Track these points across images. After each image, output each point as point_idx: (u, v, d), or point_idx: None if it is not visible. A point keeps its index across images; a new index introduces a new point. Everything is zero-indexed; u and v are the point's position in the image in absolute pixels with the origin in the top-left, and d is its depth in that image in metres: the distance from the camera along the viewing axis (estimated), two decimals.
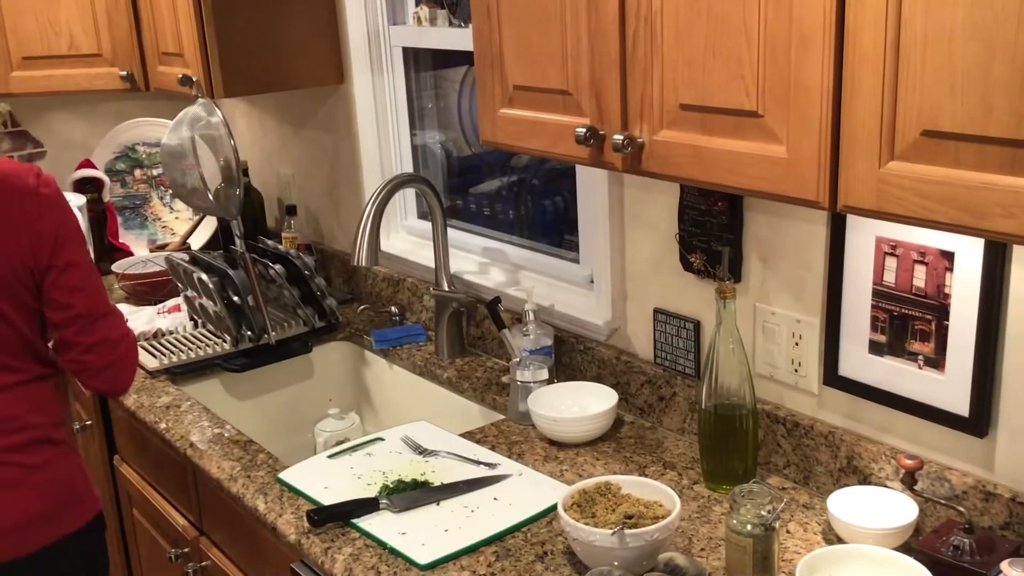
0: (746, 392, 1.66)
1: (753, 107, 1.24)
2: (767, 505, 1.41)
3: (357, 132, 2.71)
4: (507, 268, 2.41)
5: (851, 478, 1.64)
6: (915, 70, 1.05)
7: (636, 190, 1.95)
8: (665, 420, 1.96)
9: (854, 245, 1.58)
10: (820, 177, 1.18)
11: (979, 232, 1.04)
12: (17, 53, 2.81)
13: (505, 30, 1.60)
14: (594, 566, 1.44)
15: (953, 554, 1.39)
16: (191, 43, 2.51)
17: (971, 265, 1.43)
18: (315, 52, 2.64)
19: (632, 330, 2.04)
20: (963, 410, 1.48)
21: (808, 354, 1.70)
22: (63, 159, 3.28)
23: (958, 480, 1.50)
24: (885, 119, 1.09)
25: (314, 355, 2.54)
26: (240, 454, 1.94)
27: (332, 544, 1.61)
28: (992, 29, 0.98)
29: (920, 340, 1.52)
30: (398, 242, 2.75)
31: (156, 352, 2.41)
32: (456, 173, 2.76)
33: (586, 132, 1.45)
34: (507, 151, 1.76)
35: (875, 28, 1.08)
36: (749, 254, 1.76)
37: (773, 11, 1.18)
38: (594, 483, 1.57)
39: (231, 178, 2.38)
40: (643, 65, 1.37)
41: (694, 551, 1.54)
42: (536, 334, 2.10)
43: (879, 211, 1.13)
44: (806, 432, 1.70)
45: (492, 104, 1.66)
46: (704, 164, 1.32)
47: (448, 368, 2.32)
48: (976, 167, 1.03)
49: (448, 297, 2.35)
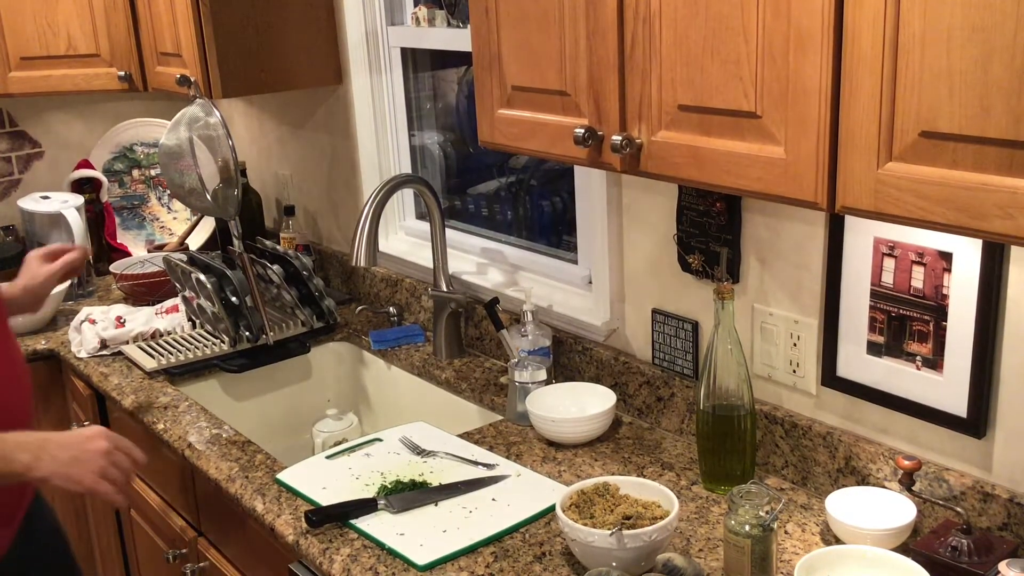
0: (744, 393, 1.66)
1: (751, 108, 1.24)
2: (765, 506, 1.41)
3: (355, 133, 2.71)
4: (505, 269, 2.41)
5: (849, 479, 1.64)
6: (913, 71, 1.05)
7: (634, 191, 1.95)
8: (663, 421, 1.96)
9: (852, 246, 1.58)
10: (818, 178, 1.18)
11: (977, 233, 1.05)
12: (15, 53, 2.81)
13: (503, 31, 1.60)
14: (592, 567, 1.44)
15: (951, 555, 1.39)
16: (189, 43, 2.51)
17: (969, 266, 1.43)
18: (313, 53, 2.64)
19: (630, 331, 2.04)
20: (961, 411, 1.48)
21: (806, 355, 1.70)
22: (61, 159, 3.28)
23: (956, 481, 1.50)
24: (883, 120, 1.09)
25: (312, 356, 2.54)
26: (238, 454, 1.93)
27: (330, 545, 1.60)
28: (990, 30, 0.98)
29: (918, 341, 1.52)
30: (396, 243, 2.74)
31: (154, 352, 2.41)
32: (454, 174, 2.76)
33: (584, 133, 1.45)
34: (505, 152, 1.76)
35: (873, 29, 1.08)
36: (747, 255, 1.76)
37: (771, 12, 1.18)
38: (592, 484, 1.57)
39: (229, 178, 2.38)
40: (641, 66, 1.37)
41: (692, 552, 1.54)
42: (534, 335, 2.10)
43: (877, 212, 1.13)
44: (804, 433, 1.70)
45: (490, 105, 1.66)
46: (702, 165, 1.32)
47: (446, 369, 2.32)
48: (974, 168, 1.03)
49: (446, 298, 2.35)
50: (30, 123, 3.24)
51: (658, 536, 1.44)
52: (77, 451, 1.63)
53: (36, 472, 1.60)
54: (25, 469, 1.60)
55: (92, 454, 1.64)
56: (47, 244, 2.90)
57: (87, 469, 1.63)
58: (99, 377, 2.39)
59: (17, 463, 1.59)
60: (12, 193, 3.20)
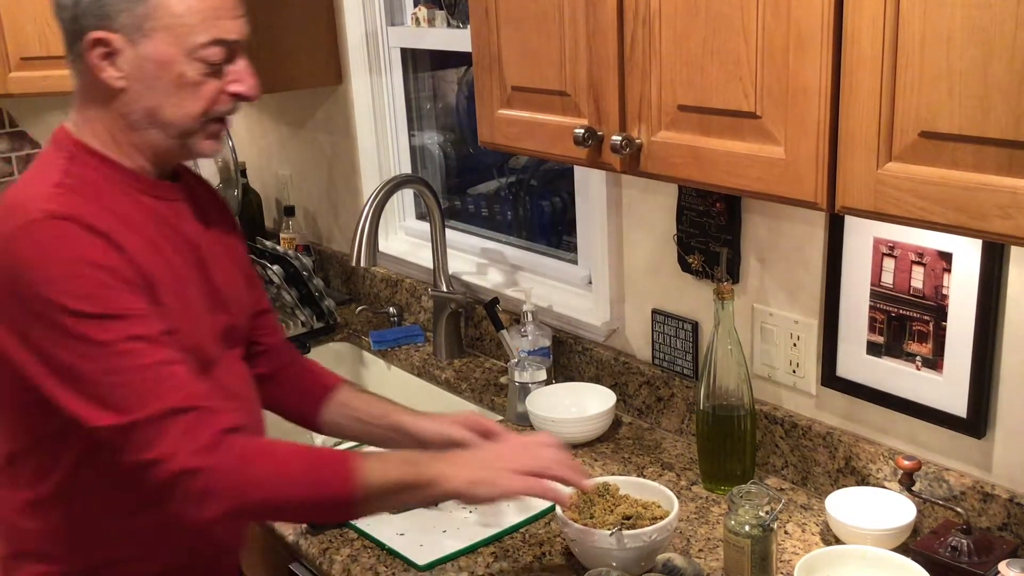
0: (744, 393, 1.66)
1: (751, 108, 1.24)
2: (765, 506, 1.41)
3: (355, 133, 2.71)
4: (505, 269, 2.41)
5: (849, 479, 1.64)
6: (913, 71, 1.05)
7: (634, 191, 1.95)
8: (663, 421, 1.96)
9: (852, 246, 1.58)
10: (818, 178, 1.18)
11: (977, 233, 1.05)
12: (15, 54, 2.80)
13: (503, 31, 1.60)
14: (592, 567, 1.44)
15: (951, 555, 1.39)
16: None
17: (969, 266, 1.43)
18: (313, 53, 2.63)
19: (630, 331, 2.04)
20: (961, 411, 1.48)
21: (806, 355, 1.70)
22: None
23: (956, 481, 1.50)
24: (883, 120, 1.09)
25: (312, 356, 2.53)
26: None
27: (330, 545, 1.60)
28: (990, 30, 0.98)
29: (918, 341, 1.52)
30: (396, 243, 2.74)
31: None
32: (454, 174, 2.76)
33: (584, 133, 1.45)
34: (505, 152, 1.76)
35: (873, 29, 1.08)
36: (747, 255, 1.76)
37: (771, 12, 1.18)
38: (592, 484, 1.57)
39: (229, 179, 2.38)
40: (641, 66, 1.37)
41: (692, 552, 1.54)
42: (534, 335, 2.10)
43: (877, 212, 1.13)
44: (804, 433, 1.70)
45: (490, 105, 1.66)
46: (702, 165, 1.32)
47: (446, 369, 2.32)
48: (974, 168, 1.03)
49: (446, 298, 2.35)
50: (30, 123, 3.24)
51: (658, 536, 1.44)
52: (490, 453, 1.40)
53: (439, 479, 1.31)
54: (433, 478, 1.31)
55: (509, 453, 1.38)
56: None
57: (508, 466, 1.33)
58: None
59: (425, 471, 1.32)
60: None
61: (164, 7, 1.26)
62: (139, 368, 1.22)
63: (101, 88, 1.30)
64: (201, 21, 1.28)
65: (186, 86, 1.29)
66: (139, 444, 1.21)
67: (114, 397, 1.21)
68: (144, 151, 1.34)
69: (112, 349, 1.21)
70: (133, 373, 1.22)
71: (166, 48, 1.27)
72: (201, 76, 1.30)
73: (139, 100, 1.30)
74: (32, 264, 1.21)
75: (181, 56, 1.28)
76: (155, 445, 1.21)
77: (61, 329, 1.20)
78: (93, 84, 1.30)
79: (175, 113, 1.31)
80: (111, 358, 1.21)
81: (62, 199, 1.26)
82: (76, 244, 1.22)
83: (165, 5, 1.26)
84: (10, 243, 1.23)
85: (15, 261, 1.22)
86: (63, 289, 1.20)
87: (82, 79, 1.32)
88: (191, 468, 1.21)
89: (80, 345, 1.21)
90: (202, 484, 1.21)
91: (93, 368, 1.21)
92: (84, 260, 1.22)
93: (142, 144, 1.33)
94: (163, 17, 1.26)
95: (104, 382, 1.21)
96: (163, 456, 1.21)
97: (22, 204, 1.25)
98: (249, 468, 1.24)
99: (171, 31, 1.27)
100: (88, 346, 1.21)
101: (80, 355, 1.21)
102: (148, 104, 1.30)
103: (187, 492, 1.22)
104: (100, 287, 1.22)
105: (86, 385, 1.21)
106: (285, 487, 1.26)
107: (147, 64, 1.28)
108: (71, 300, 1.20)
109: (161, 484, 1.22)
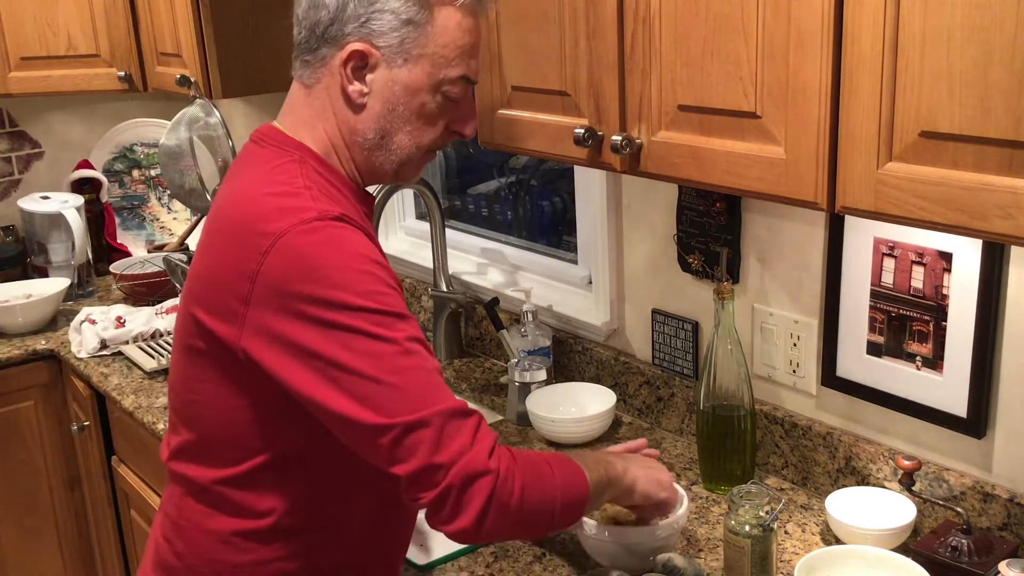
0: (744, 393, 1.66)
1: (751, 108, 1.24)
2: (765, 506, 1.41)
3: None
4: (505, 269, 2.41)
5: (849, 479, 1.64)
6: (913, 71, 1.05)
7: (634, 191, 1.95)
8: (663, 421, 1.96)
9: (852, 246, 1.58)
10: (818, 178, 1.18)
11: (977, 233, 1.05)
12: (15, 54, 2.81)
13: (503, 31, 1.60)
14: (592, 566, 1.44)
15: (951, 555, 1.39)
16: (189, 43, 2.51)
17: (969, 266, 1.43)
18: None
19: (630, 331, 2.04)
20: (961, 411, 1.48)
21: (806, 355, 1.70)
22: (61, 159, 3.28)
23: (956, 481, 1.50)
24: (883, 120, 1.09)
25: None
26: None
27: None
28: (990, 30, 0.98)
29: (918, 341, 1.52)
30: (396, 243, 2.74)
31: (154, 352, 2.41)
32: (454, 174, 2.76)
33: (584, 133, 1.45)
34: (505, 152, 1.76)
35: (873, 29, 1.08)
36: (747, 255, 1.76)
37: (772, 12, 1.18)
38: None
39: None
40: (641, 66, 1.37)
41: (692, 552, 1.54)
42: (534, 335, 2.10)
43: (877, 212, 1.13)
44: (804, 433, 1.70)
45: (490, 105, 1.66)
46: (702, 165, 1.32)
47: (446, 369, 2.32)
48: (974, 168, 1.03)
49: (446, 298, 2.35)
50: (30, 123, 3.24)
51: (659, 535, 1.44)
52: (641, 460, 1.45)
53: (629, 475, 1.37)
54: (623, 473, 1.37)
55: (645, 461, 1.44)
56: (47, 244, 2.92)
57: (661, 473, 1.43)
58: (99, 377, 2.39)
59: (616, 467, 1.36)
60: (12, 193, 3.20)
61: (434, 37, 1.23)
62: (424, 370, 1.16)
63: (337, 98, 1.26)
64: (458, 56, 1.26)
65: (424, 116, 1.27)
66: (429, 443, 1.13)
67: (400, 395, 1.14)
68: (359, 165, 1.30)
69: (400, 348, 1.16)
70: (420, 374, 1.16)
71: (420, 76, 1.24)
72: (439, 109, 1.27)
73: (376, 120, 1.26)
74: (316, 263, 1.15)
75: (430, 86, 1.25)
76: (448, 444, 1.14)
77: (344, 327, 1.14)
78: (327, 91, 1.27)
79: (407, 141, 1.28)
80: (398, 357, 1.15)
81: (322, 200, 1.21)
82: (357, 243, 1.18)
83: (435, 35, 1.23)
84: (286, 242, 1.16)
85: (293, 260, 1.15)
86: (353, 287, 1.15)
87: (315, 83, 1.28)
88: (483, 470, 1.14)
89: (367, 342, 1.14)
90: (490, 487, 1.15)
91: (379, 367, 1.14)
92: (368, 258, 1.18)
93: (360, 160, 1.29)
94: (430, 46, 1.24)
95: (390, 381, 1.14)
96: (455, 456, 1.14)
97: (282, 205, 1.19)
98: (523, 472, 1.19)
99: (431, 60, 1.24)
100: (378, 343, 1.14)
101: (366, 353, 1.14)
102: (384, 126, 1.27)
103: (474, 494, 1.14)
104: (383, 285, 1.18)
105: (366, 384, 1.14)
106: (551, 490, 1.22)
107: (396, 87, 1.24)
108: (361, 298, 1.14)
109: (449, 485, 1.14)
